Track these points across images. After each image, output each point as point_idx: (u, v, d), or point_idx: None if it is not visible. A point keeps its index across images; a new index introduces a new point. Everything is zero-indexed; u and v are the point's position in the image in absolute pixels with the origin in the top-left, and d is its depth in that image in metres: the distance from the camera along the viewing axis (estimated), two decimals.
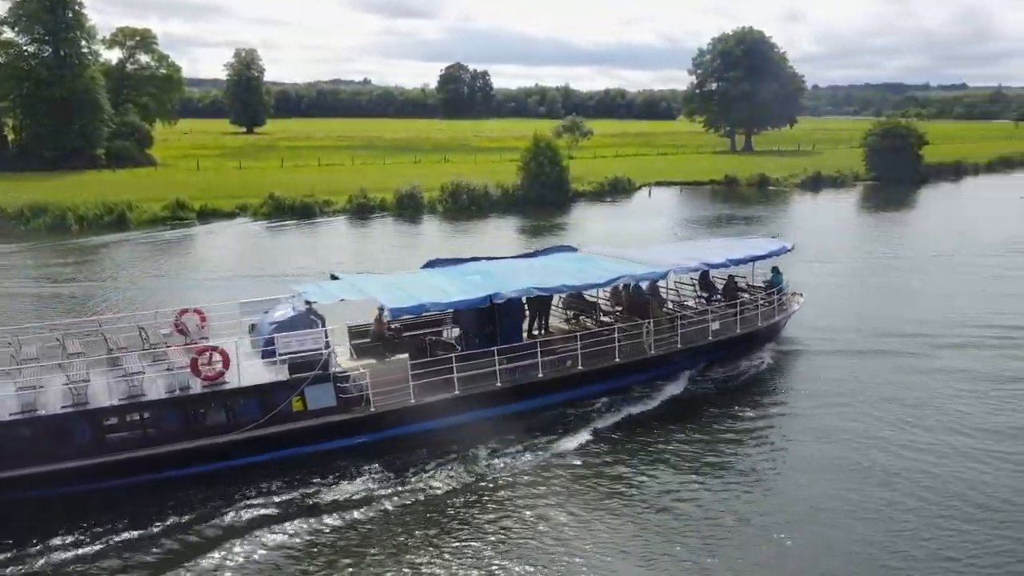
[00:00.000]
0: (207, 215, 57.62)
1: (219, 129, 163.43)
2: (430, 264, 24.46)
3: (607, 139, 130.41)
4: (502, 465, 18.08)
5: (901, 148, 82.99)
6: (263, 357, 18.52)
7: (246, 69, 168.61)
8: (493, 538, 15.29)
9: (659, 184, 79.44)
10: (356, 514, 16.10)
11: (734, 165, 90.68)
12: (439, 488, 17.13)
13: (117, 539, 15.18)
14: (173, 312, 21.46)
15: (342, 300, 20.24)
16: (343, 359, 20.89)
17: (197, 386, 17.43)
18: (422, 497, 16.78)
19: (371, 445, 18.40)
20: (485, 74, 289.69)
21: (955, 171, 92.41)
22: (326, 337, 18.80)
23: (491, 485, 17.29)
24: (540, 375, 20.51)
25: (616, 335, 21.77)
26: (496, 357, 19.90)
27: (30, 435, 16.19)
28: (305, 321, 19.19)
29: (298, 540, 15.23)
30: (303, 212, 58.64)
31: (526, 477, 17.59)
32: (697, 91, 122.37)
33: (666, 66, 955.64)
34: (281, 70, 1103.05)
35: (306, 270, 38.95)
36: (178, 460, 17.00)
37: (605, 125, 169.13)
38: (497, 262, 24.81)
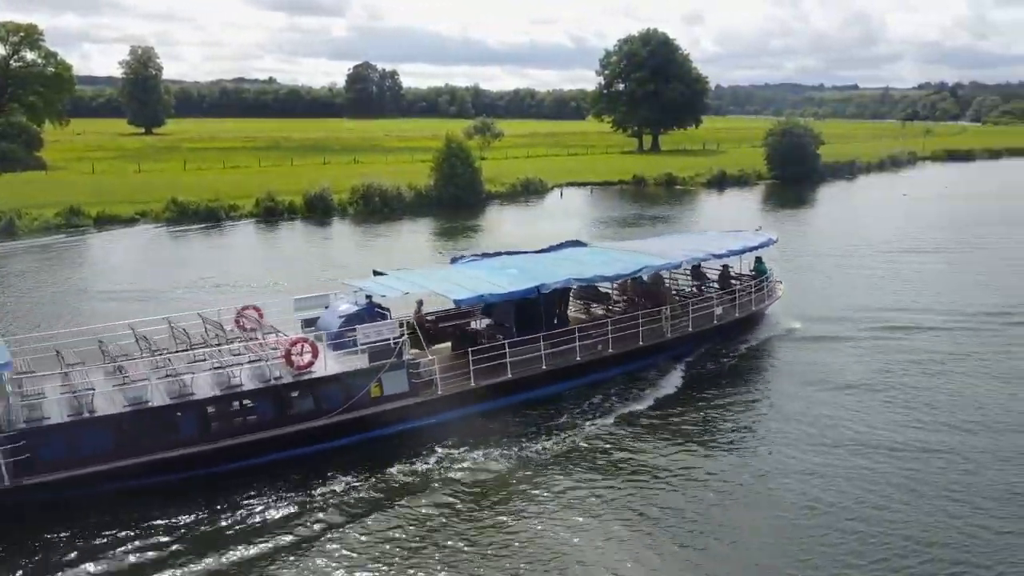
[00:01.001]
0: (105, 221, 54.93)
1: (115, 130, 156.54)
2: (455, 260, 26.47)
3: (518, 139, 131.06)
4: (557, 442, 19.52)
5: (800, 148, 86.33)
6: (335, 348, 19.76)
7: (143, 67, 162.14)
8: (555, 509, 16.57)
9: (570, 185, 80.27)
10: (436, 488, 17.39)
11: (642, 165, 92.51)
12: (504, 464, 18.40)
13: (225, 522, 15.97)
14: (234, 309, 22.52)
15: (406, 293, 21.83)
16: None
17: (287, 376, 18.54)
18: (490, 474, 18.02)
19: (437, 427, 19.67)
20: (394, 73, 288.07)
21: (850, 170, 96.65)
22: (400, 327, 20.22)
23: (550, 459, 18.67)
24: (578, 358, 22.36)
25: (640, 320, 23.79)
26: (542, 343, 21.74)
27: (144, 426, 16.98)
28: (371, 314, 20.99)
29: (389, 518, 16.25)
30: (208, 217, 56.66)
31: (585, 447, 19.33)
32: (605, 92, 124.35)
33: (575, 66, 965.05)
34: (180, 68, 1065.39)
35: (214, 280, 37.74)
36: (271, 446, 17.92)
37: (516, 125, 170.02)
38: (522, 256, 26.55)
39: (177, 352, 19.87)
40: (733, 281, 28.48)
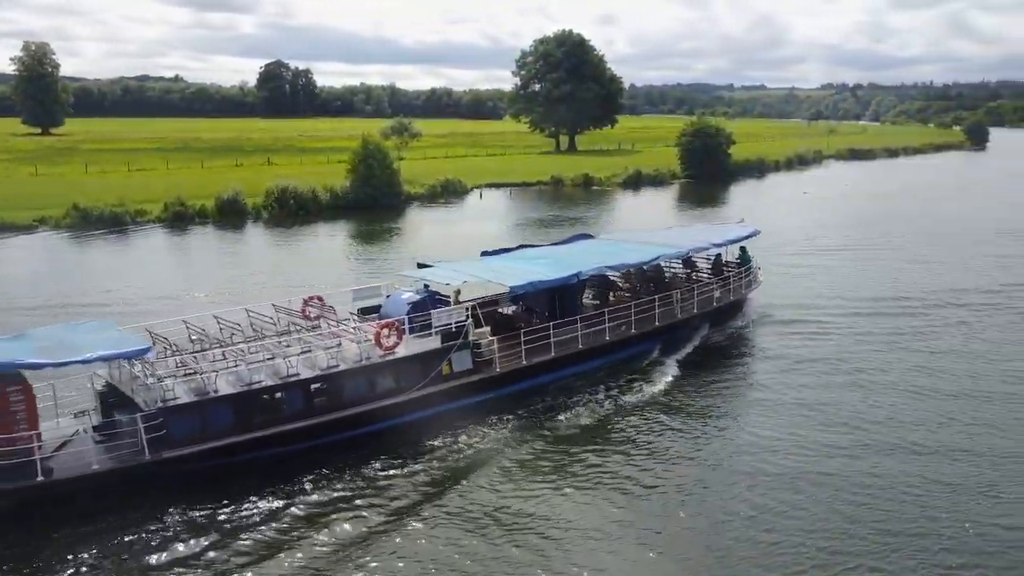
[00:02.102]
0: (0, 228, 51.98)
1: (8, 130, 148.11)
2: (485, 254, 28.51)
3: (436, 139, 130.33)
4: (595, 413, 21.76)
5: (712, 148, 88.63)
6: (408, 332, 21.53)
7: (38, 64, 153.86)
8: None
9: (490, 186, 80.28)
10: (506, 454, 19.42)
11: (560, 165, 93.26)
12: (555, 432, 20.65)
13: (332, 489, 17.60)
14: (300, 298, 24.07)
15: (464, 282, 23.79)
16: None
17: (375, 356, 20.31)
18: (545, 442, 20.07)
19: (494, 400, 21.80)
20: (308, 72, 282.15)
21: (759, 168, 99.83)
22: (466, 312, 22.26)
23: (593, 431, 20.90)
24: (607, 338, 24.56)
25: (656, 303, 26.33)
26: (579, 324, 24.02)
27: (257, 404, 18.60)
28: (433, 301, 23.01)
29: (476, 480, 18.14)
30: (113, 223, 54.19)
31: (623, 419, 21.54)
32: (521, 92, 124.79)
33: (491, 65, 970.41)
34: (79, 65, 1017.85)
35: (120, 292, 36.12)
36: (364, 420, 19.62)
37: (433, 125, 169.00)
38: (544, 248, 29.71)
39: (273, 337, 21.82)
40: (725, 268, 31.32)
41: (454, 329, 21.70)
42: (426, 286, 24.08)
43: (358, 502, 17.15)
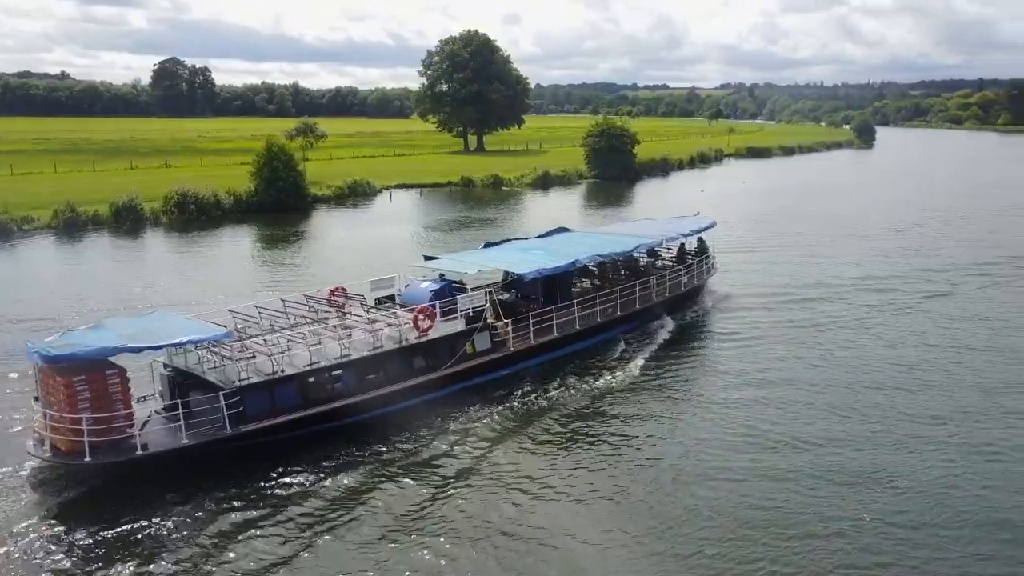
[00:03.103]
0: None
1: None
2: (487, 246, 31.17)
3: (342, 139, 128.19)
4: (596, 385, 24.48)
5: (617, 148, 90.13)
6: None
7: None
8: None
9: (399, 186, 79.38)
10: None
11: (469, 166, 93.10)
12: (570, 404, 23.08)
13: (380, 456, 19.72)
14: (327, 289, 26.28)
15: (479, 271, 26.84)
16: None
17: (412, 338, 22.65)
18: (559, 414, 22.40)
19: (509, 377, 24.34)
20: (205, 70, 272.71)
21: (663, 168, 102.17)
22: (486, 297, 24.92)
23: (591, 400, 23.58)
24: (599, 319, 27.57)
25: (637, 289, 29.43)
26: (575, 308, 26.96)
27: (316, 382, 20.61)
28: (450, 288, 25.55)
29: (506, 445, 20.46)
30: None
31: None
32: (428, 92, 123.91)
33: (397, 64, 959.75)
34: None
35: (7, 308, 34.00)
36: (398, 396, 21.57)
37: (339, 124, 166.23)
38: (531, 241, 32.20)
39: (312, 324, 23.74)
40: (688, 257, 34.46)
41: (471, 313, 24.26)
42: (442, 275, 26.75)
43: (407, 467, 19.24)
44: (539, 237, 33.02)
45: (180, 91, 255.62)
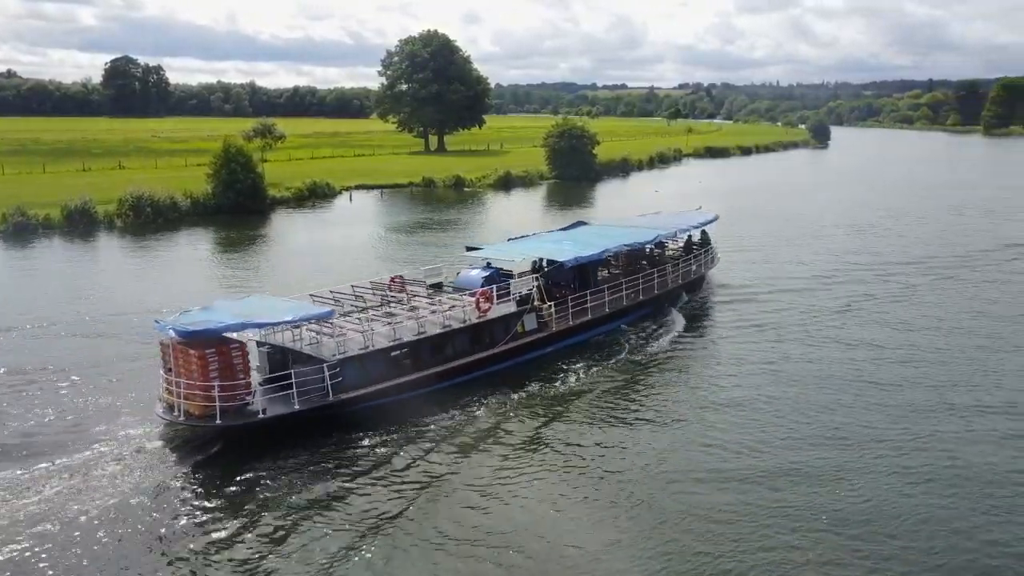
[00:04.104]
0: None
1: None
2: (511, 239, 34.27)
3: (301, 139, 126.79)
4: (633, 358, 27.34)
5: (578, 148, 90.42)
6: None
7: None
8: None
9: (360, 187, 78.68)
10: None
11: (430, 166, 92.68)
12: (608, 378, 25.63)
13: (454, 420, 22.27)
14: (389, 276, 29.74)
15: (523, 259, 30.63)
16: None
17: (473, 318, 25.41)
18: (597, 386, 24.96)
19: (552, 354, 27.06)
20: (159, 68, 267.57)
21: (623, 168, 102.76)
22: (534, 282, 27.89)
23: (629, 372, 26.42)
24: (624, 303, 30.50)
25: (655, 275, 32.71)
26: (606, 290, 29.86)
27: (399, 356, 23.19)
28: (499, 275, 28.78)
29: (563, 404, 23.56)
30: None
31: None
32: (388, 92, 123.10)
33: (356, 63, 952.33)
34: None
35: None
36: (464, 369, 24.40)
37: (297, 124, 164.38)
38: (557, 233, 35.71)
39: (383, 307, 26.58)
40: (694, 248, 37.41)
41: (520, 297, 27.38)
42: (488, 264, 29.87)
43: (479, 433, 21.57)
44: (561, 230, 36.64)
45: (133, 90, 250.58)
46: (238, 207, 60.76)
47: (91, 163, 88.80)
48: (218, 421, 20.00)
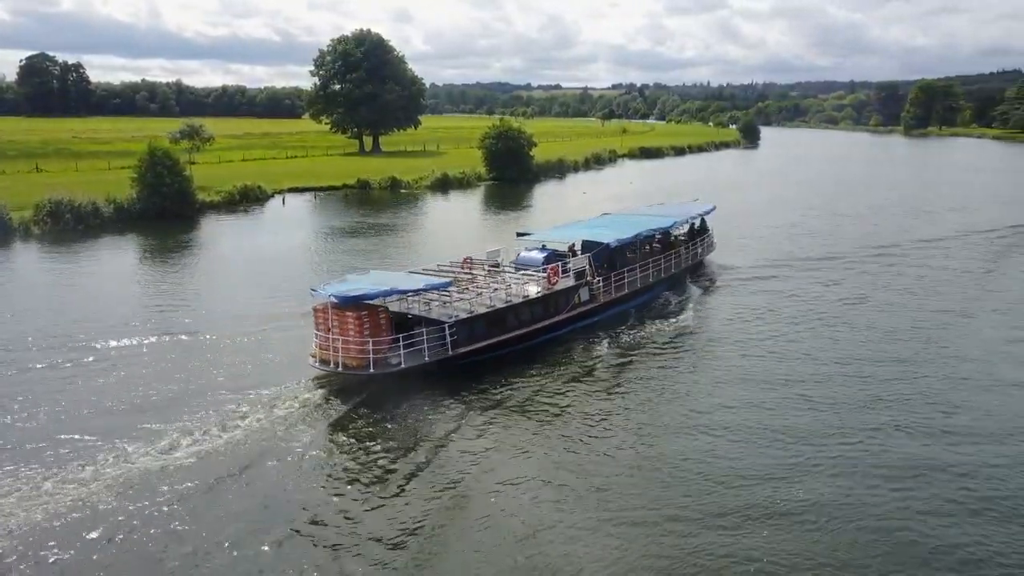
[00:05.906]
0: None
1: None
2: (557, 227, 39.58)
3: (231, 140, 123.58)
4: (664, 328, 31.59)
5: (515, 150, 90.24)
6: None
7: None
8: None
9: (293, 190, 76.65)
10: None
11: (365, 168, 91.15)
12: (650, 341, 30.08)
13: (537, 376, 26.20)
14: (464, 257, 33.05)
15: (573, 243, 35.44)
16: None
17: (543, 289, 29.61)
18: (640, 351, 29.20)
19: (601, 321, 31.60)
20: (78, 66, 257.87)
21: (559, 169, 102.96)
22: (585, 260, 32.22)
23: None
24: (651, 280, 35.37)
25: (672, 257, 37.64)
26: (638, 268, 34.69)
27: (492, 320, 27.32)
28: (555, 254, 33.23)
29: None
30: None
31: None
32: (321, 92, 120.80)
33: (286, 62, 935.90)
34: None
35: None
36: (539, 332, 28.88)
37: (226, 124, 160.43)
38: (590, 220, 41.50)
39: (471, 281, 30.42)
40: (696, 234, 42.12)
41: (576, 272, 31.28)
42: (543, 245, 33.99)
43: (566, 381, 25.93)
44: (593, 219, 41.72)
45: (51, 88, 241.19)
46: (165, 212, 58.55)
47: (5, 165, 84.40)
48: (371, 370, 24.38)
